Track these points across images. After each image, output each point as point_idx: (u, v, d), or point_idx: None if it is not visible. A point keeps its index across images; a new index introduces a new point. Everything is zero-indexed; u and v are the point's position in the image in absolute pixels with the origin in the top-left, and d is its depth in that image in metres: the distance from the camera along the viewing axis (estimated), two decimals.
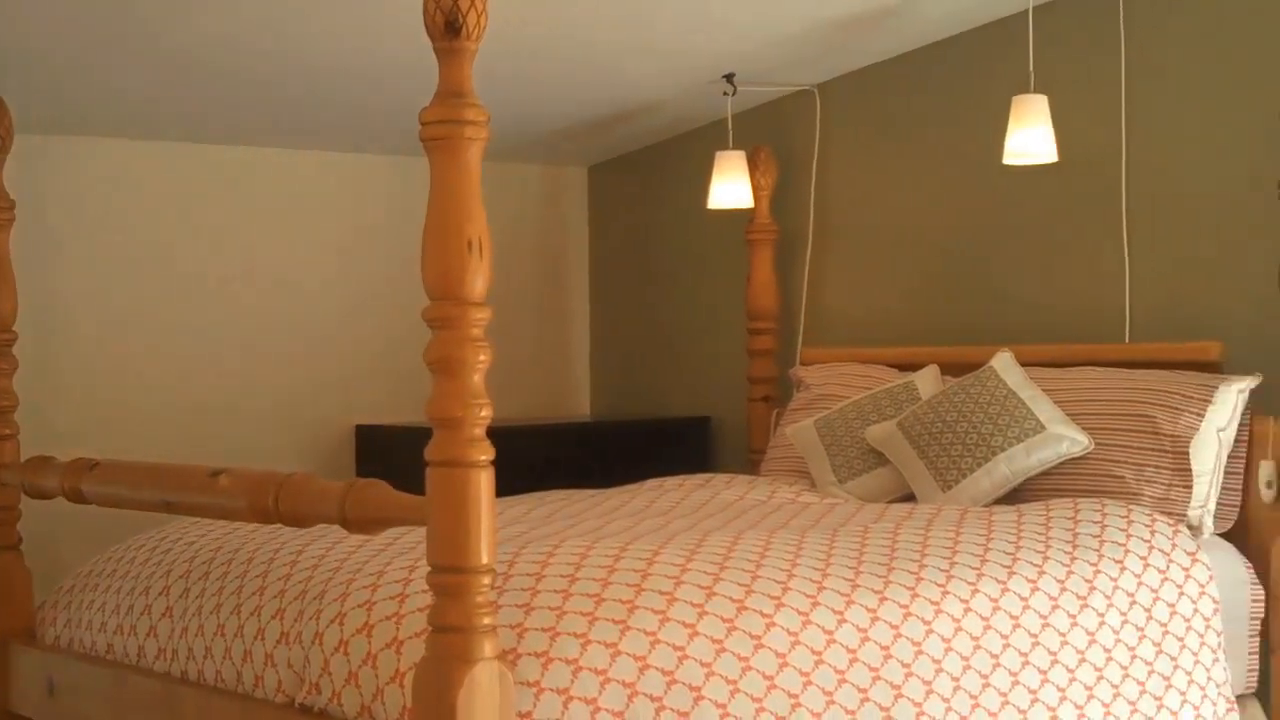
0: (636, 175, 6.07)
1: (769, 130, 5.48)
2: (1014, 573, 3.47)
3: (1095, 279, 4.63)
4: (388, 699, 2.79)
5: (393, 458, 5.33)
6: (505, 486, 2.91)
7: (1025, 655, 3.35)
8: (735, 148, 5.30)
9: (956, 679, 3.21)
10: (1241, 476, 4.12)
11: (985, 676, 3.26)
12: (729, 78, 5.18)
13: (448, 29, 2.49)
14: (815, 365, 5.10)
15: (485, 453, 2.52)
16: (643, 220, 6.05)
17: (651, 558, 3.14)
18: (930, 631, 3.23)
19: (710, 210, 5.39)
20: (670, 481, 4.57)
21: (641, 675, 2.83)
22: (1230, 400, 4.07)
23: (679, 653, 2.90)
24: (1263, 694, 4.01)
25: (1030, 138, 4.35)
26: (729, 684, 2.92)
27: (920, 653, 3.19)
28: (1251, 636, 3.97)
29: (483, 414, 2.52)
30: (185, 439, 5.30)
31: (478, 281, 2.51)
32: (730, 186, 5.28)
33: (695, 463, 5.57)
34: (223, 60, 4.58)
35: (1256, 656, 3.98)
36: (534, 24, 4.45)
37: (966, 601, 3.33)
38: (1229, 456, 4.11)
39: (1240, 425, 4.11)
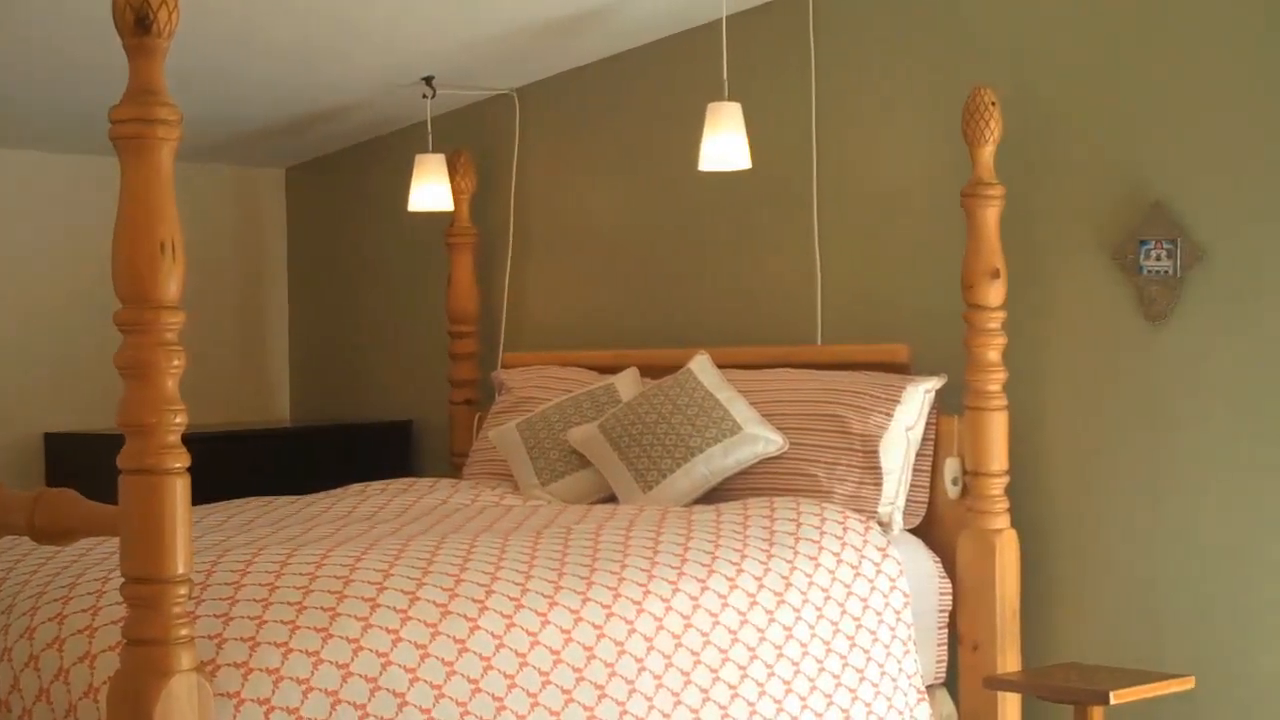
0: (335, 177, 6.01)
1: (469, 133, 5.47)
2: (713, 571, 3.53)
3: (789, 283, 4.73)
4: (82, 715, 2.71)
5: (85, 466, 5.18)
6: (202, 494, 2.86)
7: (725, 652, 3.41)
8: (435, 150, 5.28)
9: (659, 677, 3.26)
10: (929, 474, 4.24)
11: (687, 674, 3.31)
12: (428, 80, 5.16)
13: (138, 25, 2.44)
14: (517, 368, 5.11)
15: (180, 460, 2.47)
16: (342, 223, 5.99)
17: (354, 564, 3.11)
18: (633, 631, 3.26)
19: (410, 213, 5.36)
20: (373, 486, 4.53)
21: (344, 683, 2.81)
22: (917, 400, 4.20)
23: (383, 659, 2.88)
24: (951, 684, 4.14)
25: (724, 144, 4.42)
26: (434, 689, 2.91)
27: (623, 652, 3.22)
28: (940, 628, 4.10)
29: (177, 420, 2.47)
30: None
31: (170, 284, 2.46)
32: (430, 189, 5.26)
33: (397, 467, 5.53)
34: None
35: (945, 648, 4.11)
36: (226, 19, 4.36)
37: (668, 600, 3.38)
38: (917, 455, 4.23)
39: (927, 424, 4.24)
